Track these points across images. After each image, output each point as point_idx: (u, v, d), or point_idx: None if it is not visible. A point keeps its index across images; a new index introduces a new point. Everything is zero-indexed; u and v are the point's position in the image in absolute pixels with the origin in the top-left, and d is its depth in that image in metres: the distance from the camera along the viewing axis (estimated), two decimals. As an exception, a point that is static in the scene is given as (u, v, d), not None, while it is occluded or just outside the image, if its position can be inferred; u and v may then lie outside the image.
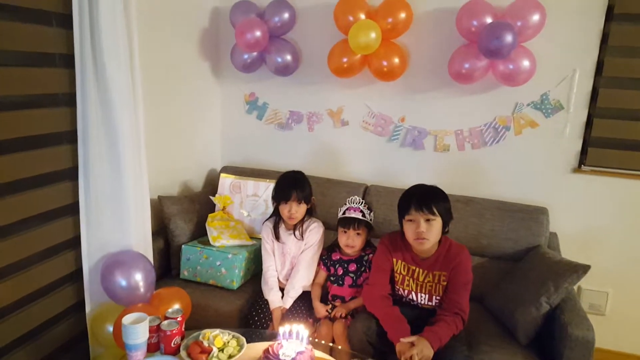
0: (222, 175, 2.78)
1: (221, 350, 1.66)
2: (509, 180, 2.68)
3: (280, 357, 1.60)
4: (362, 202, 2.24)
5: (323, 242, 2.38)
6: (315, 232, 2.34)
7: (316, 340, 1.94)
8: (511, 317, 2.10)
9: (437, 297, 2.03)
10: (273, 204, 2.36)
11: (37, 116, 1.80)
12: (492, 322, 2.20)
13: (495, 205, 2.54)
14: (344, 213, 2.24)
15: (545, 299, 2.01)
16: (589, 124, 2.52)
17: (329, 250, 2.38)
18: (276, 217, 2.38)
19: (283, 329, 1.70)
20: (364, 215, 2.21)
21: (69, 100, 1.91)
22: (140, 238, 2.18)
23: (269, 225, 2.40)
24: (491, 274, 2.41)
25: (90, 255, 2.01)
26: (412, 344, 1.80)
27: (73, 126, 1.92)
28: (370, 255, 2.27)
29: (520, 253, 2.43)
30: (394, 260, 2.10)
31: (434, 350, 1.79)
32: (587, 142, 2.55)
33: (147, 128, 2.17)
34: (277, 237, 2.36)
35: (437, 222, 1.91)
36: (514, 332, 2.07)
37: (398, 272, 2.10)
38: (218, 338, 1.68)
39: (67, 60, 1.87)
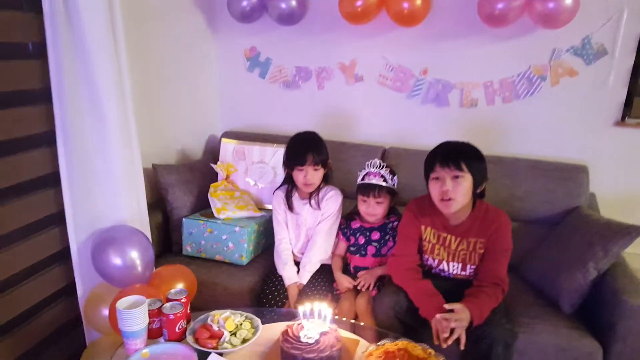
0: (224, 140, 2.57)
1: (233, 334, 1.50)
2: (544, 136, 2.48)
3: (302, 339, 1.42)
4: (383, 165, 2.04)
5: (341, 212, 2.19)
6: (333, 200, 2.15)
7: (336, 317, 1.76)
8: (553, 285, 1.95)
9: (472, 266, 1.86)
10: (284, 170, 2.17)
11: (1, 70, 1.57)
12: (529, 292, 2.04)
13: (530, 165, 2.36)
14: (362, 179, 2.05)
15: (592, 265, 1.84)
16: (635, 71, 2.30)
17: (348, 219, 2.20)
18: (288, 185, 2.19)
19: (303, 308, 1.52)
20: (385, 180, 2.02)
21: (39, 51, 1.66)
22: (134, 211, 1.98)
23: (281, 194, 2.20)
24: (526, 240, 2.23)
25: (78, 231, 1.82)
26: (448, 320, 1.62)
27: (46, 82, 1.69)
28: (395, 223, 2.09)
29: (557, 216, 2.27)
30: (422, 227, 1.92)
31: (475, 324, 1.63)
32: (633, 92, 2.33)
33: (135, 88, 1.95)
34: (290, 207, 2.17)
35: (466, 180, 1.73)
36: (556, 301, 1.92)
37: (427, 240, 1.92)
38: (229, 320, 1.51)
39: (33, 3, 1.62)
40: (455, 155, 1.75)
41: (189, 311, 1.59)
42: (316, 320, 1.52)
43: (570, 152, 2.44)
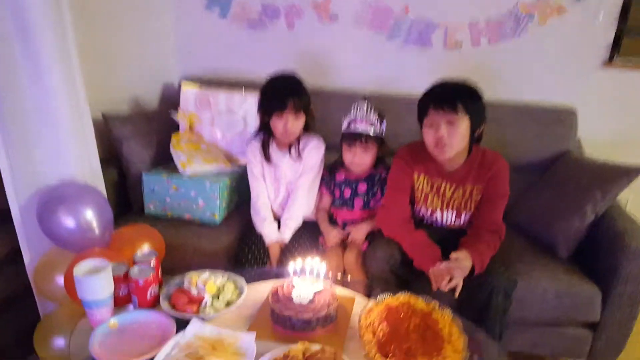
0: (185, 85, 2.32)
1: (215, 297, 1.32)
2: (531, 79, 2.39)
3: (295, 300, 1.28)
4: (371, 109, 1.87)
5: (323, 163, 2.03)
6: (315, 150, 1.98)
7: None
8: (548, 230, 1.89)
9: (467, 214, 1.78)
10: (259, 116, 1.96)
11: None
12: (522, 238, 1.99)
13: (517, 109, 2.30)
14: (348, 126, 1.89)
15: (590, 208, 1.80)
16: (625, 10, 2.22)
17: (331, 170, 2.05)
18: (265, 134, 1.98)
19: (293, 266, 1.37)
20: (373, 127, 1.86)
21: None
22: (84, 165, 1.74)
23: (256, 144, 2.00)
24: (516, 186, 2.10)
25: (18, 190, 1.58)
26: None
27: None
28: (383, 174, 1.95)
29: (547, 161, 2.23)
30: (415, 175, 1.79)
31: (476, 272, 1.56)
32: (622, 32, 2.26)
33: (78, 30, 1.66)
34: (267, 158, 1.98)
35: (463, 123, 1.62)
36: (552, 247, 1.87)
37: (419, 189, 1.81)
38: (210, 282, 1.34)
39: None
40: (450, 96, 1.62)
41: (160, 275, 1.40)
42: (308, 278, 1.38)
43: (557, 96, 2.36)
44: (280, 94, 1.83)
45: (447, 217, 1.80)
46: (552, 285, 1.71)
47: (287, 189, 2.01)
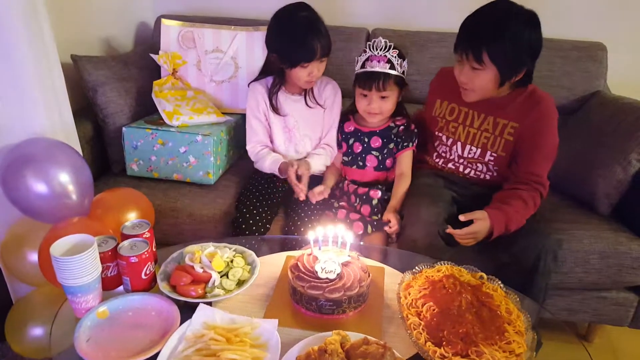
0: (165, 21, 2.03)
1: (224, 275, 1.14)
2: (556, 13, 2.18)
3: (320, 274, 1.10)
4: (390, 46, 1.59)
5: None
6: (332, 91, 1.82)
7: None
8: (584, 183, 1.74)
9: (493, 154, 1.58)
10: (270, 61, 1.74)
11: None
12: (552, 193, 1.79)
13: (544, 44, 2.05)
14: (363, 65, 1.62)
15: (636, 156, 1.63)
16: None
17: (341, 119, 1.82)
18: (274, 80, 1.77)
19: (313, 235, 1.19)
20: (392, 67, 1.60)
21: None
22: (54, 119, 1.50)
23: (260, 88, 1.77)
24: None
25: (-24, 149, 1.33)
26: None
27: None
28: (402, 127, 1.72)
29: (575, 103, 2.08)
30: (437, 102, 1.66)
31: (494, 235, 1.42)
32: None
33: None
34: (275, 109, 1.77)
35: (487, 74, 1.43)
36: (590, 202, 1.73)
37: (440, 115, 1.65)
38: (216, 257, 1.15)
39: None
40: (475, 41, 1.40)
41: (155, 249, 1.20)
42: (331, 248, 1.20)
43: (581, 30, 2.17)
44: (307, 40, 1.60)
45: (469, 153, 1.63)
46: (596, 246, 1.58)
47: (302, 136, 1.82)
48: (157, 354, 0.93)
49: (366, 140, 1.75)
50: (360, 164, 1.76)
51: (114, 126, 1.82)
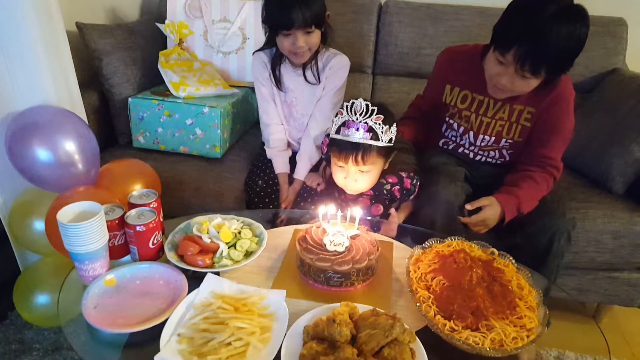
0: (172, -10, 2.00)
1: (232, 245, 1.14)
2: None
3: (329, 247, 1.10)
4: (374, 111, 1.27)
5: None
6: (341, 71, 1.68)
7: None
8: (599, 161, 1.73)
9: (509, 141, 1.54)
10: (265, 31, 1.63)
11: None
12: (565, 171, 1.78)
13: None
14: (337, 130, 1.32)
15: (654, 134, 1.60)
16: None
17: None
18: (274, 49, 1.68)
19: (323, 209, 1.19)
20: (375, 136, 1.28)
21: None
22: (60, 87, 1.49)
23: (264, 58, 1.70)
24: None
25: (-18, 118, 1.33)
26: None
27: None
28: (396, 187, 1.45)
29: (593, 80, 2.06)
30: (448, 87, 1.57)
31: (507, 220, 1.40)
32: None
33: None
34: (277, 81, 1.70)
35: (535, 82, 1.32)
36: (604, 180, 1.71)
37: (452, 103, 1.58)
38: (224, 228, 1.15)
39: None
40: (539, 57, 1.22)
41: (161, 219, 1.21)
42: (338, 223, 1.20)
43: (604, 6, 2.08)
44: (286, 7, 1.47)
45: (482, 142, 1.58)
46: (609, 226, 1.57)
47: (301, 116, 1.76)
48: (164, 322, 0.93)
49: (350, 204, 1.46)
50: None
51: (120, 97, 1.81)
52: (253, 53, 1.75)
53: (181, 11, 2.00)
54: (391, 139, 1.32)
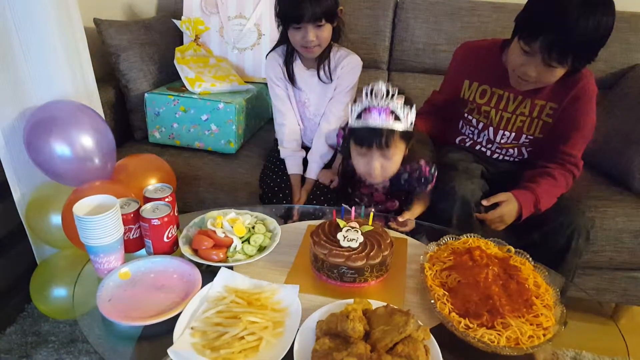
0: (188, -14, 2.00)
1: (246, 240, 1.14)
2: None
3: (342, 243, 1.09)
4: (394, 94, 1.23)
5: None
6: (353, 71, 1.66)
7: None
8: (619, 159, 1.69)
9: (529, 137, 1.51)
10: (278, 25, 1.62)
11: None
12: (584, 169, 1.75)
13: None
14: (359, 116, 1.28)
15: (676, 131, 1.56)
16: None
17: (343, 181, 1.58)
18: (287, 47, 1.67)
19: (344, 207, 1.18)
20: (397, 118, 1.25)
21: None
22: (77, 83, 1.51)
23: (277, 58, 1.69)
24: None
25: (2, 114, 1.35)
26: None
27: None
28: (414, 175, 1.40)
29: (611, 78, 2.01)
30: (466, 82, 1.53)
31: (524, 216, 1.37)
32: None
33: None
34: (290, 79, 1.68)
35: (562, 71, 1.29)
36: (624, 179, 1.67)
37: (470, 99, 1.54)
38: (238, 223, 1.15)
39: None
40: (567, 46, 1.19)
41: (177, 213, 1.21)
42: (351, 219, 1.19)
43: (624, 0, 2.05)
44: (296, 0, 1.46)
45: (503, 138, 1.55)
46: (629, 224, 1.53)
47: (314, 116, 1.74)
48: (178, 315, 0.93)
49: (370, 194, 1.52)
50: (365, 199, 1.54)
51: (136, 92, 1.82)
52: (266, 55, 1.73)
53: (197, 7, 2.00)
54: (412, 121, 1.29)
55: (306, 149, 1.75)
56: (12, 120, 1.38)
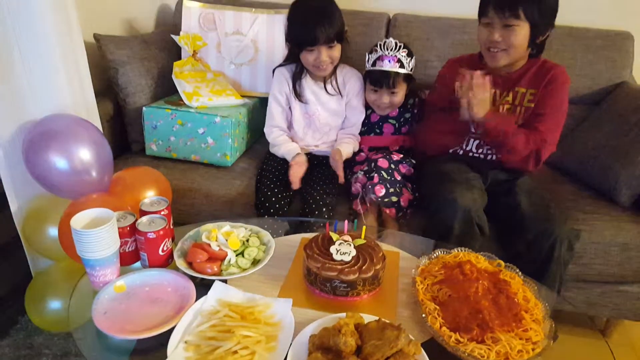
0: (186, 2, 2.02)
1: (240, 253, 1.14)
2: (580, 0, 2.13)
3: (335, 256, 1.09)
4: (400, 46, 1.69)
5: None
6: (354, 79, 1.83)
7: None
8: (606, 173, 1.70)
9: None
10: (288, 47, 1.76)
11: None
12: (573, 183, 1.81)
13: (566, 32, 2.06)
14: (373, 64, 1.72)
15: (660, 147, 1.58)
16: None
17: None
18: (296, 66, 1.78)
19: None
20: (402, 66, 1.70)
21: None
22: (77, 97, 1.51)
23: (285, 73, 1.80)
24: (565, 123, 1.93)
25: (1, 126, 1.34)
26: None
27: None
28: (417, 100, 1.84)
29: (599, 94, 2.04)
30: (457, 84, 1.57)
31: (486, 124, 1.50)
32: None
33: None
34: (298, 95, 1.79)
35: (522, 29, 1.47)
36: (610, 193, 1.68)
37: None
38: (232, 236, 1.14)
39: None
40: None
41: (172, 227, 1.20)
42: (345, 231, 1.19)
43: (610, 20, 2.11)
44: (309, 25, 1.61)
45: None
46: (617, 238, 1.54)
47: (322, 125, 1.83)
48: (172, 329, 0.93)
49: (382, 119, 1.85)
50: (378, 131, 1.85)
51: (134, 106, 1.82)
52: (274, 69, 1.84)
53: (195, 23, 2.01)
54: (412, 68, 1.72)
55: (306, 154, 1.80)
56: (11, 133, 1.37)
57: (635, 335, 1.81)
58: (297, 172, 1.64)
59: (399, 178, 1.64)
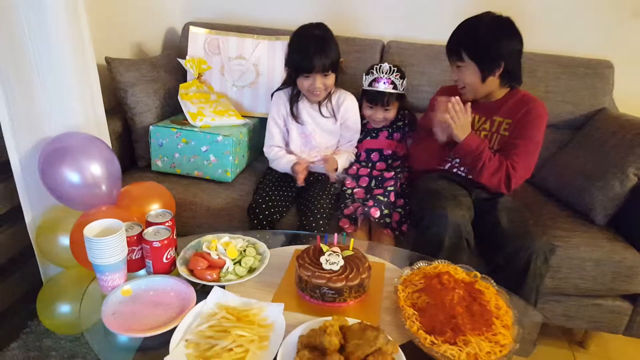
0: (193, 28, 2.14)
1: (237, 262, 1.23)
2: (561, 28, 2.26)
3: (324, 266, 1.18)
4: (394, 70, 1.88)
5: None
6: (348, 101, 1.95)
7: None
8: (583, 194, 1.79)
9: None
10: (286, 71, 1.90)
11: None
12: (553, 202, 1.91)
13: (549, 60, 2.17)
14: (370, 84, 1.91)
15: (633, 170, 1.69)
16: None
17: None
18: (293, 89, 1.92)
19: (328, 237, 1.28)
20: (395, 87, 1.89)
21: None
22: (89, 115, 1.62)
23: (283, 97, 1.93)
24: (546, 146, 2.03)
25: (19, 141, 1.46)
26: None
27: None
28: (407, 113, 2.03)
29: (580, 119, 2.13)
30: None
31: (464, 140, 1.60)
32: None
33: None
34: (295, 116, 1.91)
35: (468, 69, 1.64)
36: (587, 212, 1.77)
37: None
38: (230, 246, 1.24)
39: None
40: (455, 42, 1.66)
41: (175, 237, 1.30)
42: (335, 243, 1.28)
43: (586, 47, 2.24)
44: (306, 55, 1.74)
45: None
46: (591, 254, 1.63)
47: (319, 144, 1.95)
48: (174, 329, 1.02)
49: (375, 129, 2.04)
50: (374, 134, 2.01)
51: (142, 124, 1.93)
52: (272, 93, 1.96)
53: (201, 48, 2.13)
54: (404, 87, 1.91)
55: None
56: (29, 149, 1.48)
57: (612, 347, 1.89)
58: (301, 167, 1.78)
59: (393, 199, 1.75)
